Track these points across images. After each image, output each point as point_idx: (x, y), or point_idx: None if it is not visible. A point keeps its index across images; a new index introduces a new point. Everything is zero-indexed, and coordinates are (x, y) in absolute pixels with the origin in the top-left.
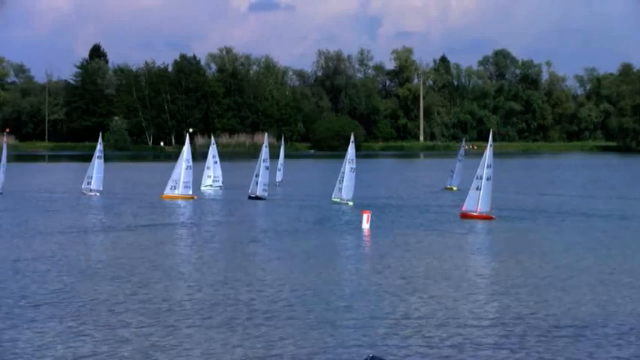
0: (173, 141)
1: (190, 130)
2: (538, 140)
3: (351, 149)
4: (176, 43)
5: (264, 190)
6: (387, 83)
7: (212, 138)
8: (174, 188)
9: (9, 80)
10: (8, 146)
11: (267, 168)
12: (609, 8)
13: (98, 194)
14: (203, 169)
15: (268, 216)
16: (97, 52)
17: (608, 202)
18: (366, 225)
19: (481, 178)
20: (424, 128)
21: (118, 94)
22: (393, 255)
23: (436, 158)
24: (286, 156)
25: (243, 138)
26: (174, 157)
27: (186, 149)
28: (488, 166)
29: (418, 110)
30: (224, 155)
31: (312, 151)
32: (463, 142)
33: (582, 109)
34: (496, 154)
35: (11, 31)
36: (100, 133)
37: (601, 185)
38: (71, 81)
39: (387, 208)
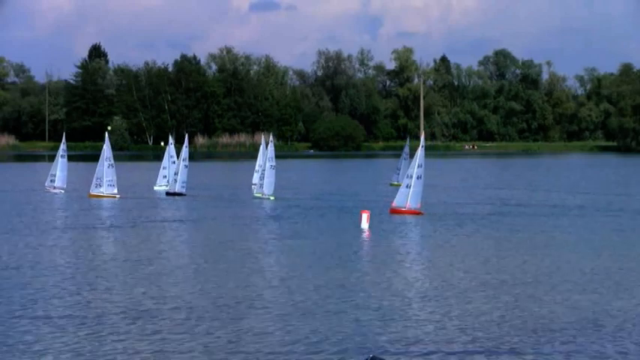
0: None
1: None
2: (538, 140)
3: (270, 148)
4: (176, 43)
5: (182, 187)
6: (388, 83)
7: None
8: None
9: (9, 80)
10: (8, 146)
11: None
12: (609, 8)
13: (63, 191)
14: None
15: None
16: (97, 52)
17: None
18: (365, 225)
19: (411, 177)
20: (424, 128)
21: (119, 94)
22: (401, 255)
23: (436, 158)
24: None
25: (243, 138)
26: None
27: (107, 147)
28: (419, 166)
29: (418, 110)
30: (224, 155)
31: (312, 151)
32: (408, 141)
33: (582, 109)
34: (497, 155)
35: (11, 31)
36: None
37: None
38: (71, 81)
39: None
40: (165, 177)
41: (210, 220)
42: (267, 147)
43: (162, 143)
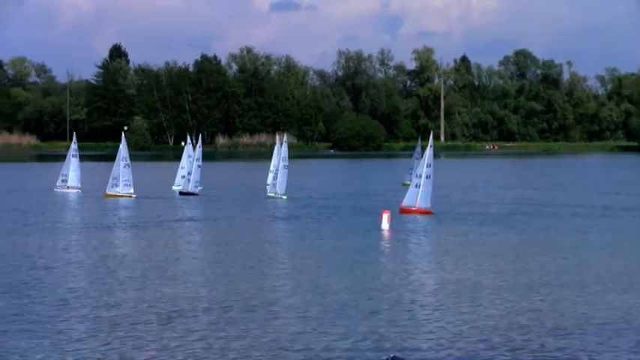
0: (194, 141)
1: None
2: (559, 140)
3: (284, 149)
4: (197, 43)
5: (196, 186)
6: (408, 83)
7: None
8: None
9: (30, 80)
10: (30, 146)
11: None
12: (630, 8)
13: (79, 191)
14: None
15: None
16: (117, 52)
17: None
18: (386, 225)
19: (421, 177)
20: (445, 128)
21: (139, 94)
22: (416, 255)
23: (456, 158)
24: (299, 156)
25: (264, 138)
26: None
27: (123, 147)
28: (428, 166)
29: (439, 110)
30: (244, 155)
31: (332, 151)
32: (419, 141)
33: (603, 109)
34: (518, 155)
35: (33, 32)
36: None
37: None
38: (92, 81)
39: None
40: (183, 177)
41: (225, 219)
42: (281, 147)
43: (182, 143)
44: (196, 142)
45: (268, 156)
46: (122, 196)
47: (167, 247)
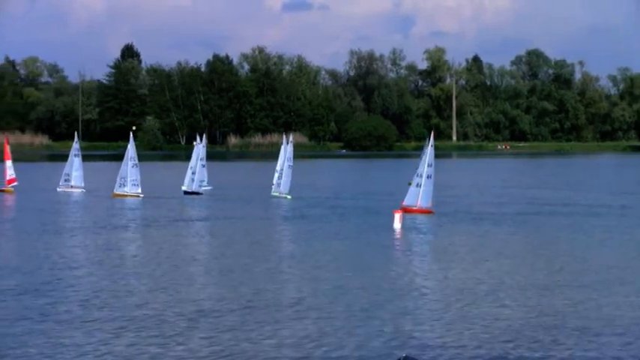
0: (205, 141)
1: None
2: (571, 140)
3: (289, 149)
4: (209, 42)
5: (200, 186)
6: (420, 83)
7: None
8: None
9: (43, 80)
10: (42, 145)
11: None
12: None
13: (83, 190)
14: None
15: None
16: (129, 51)
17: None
18: (398, 225)
19: (421, 176)
20: (457, 128)
21: (151, 94)
22: (428, 255)
23: (469, 158)
24: (310, 156)
25: (275, 138)
26: (208, 156)
27: (131, 147)
28: (429, 165)
29: (451, 110)
30: (256, 155)
31: (344, 151)
32: (427, 141)
33: (615, 108)
34: (530, 154)
35: (45, 31)
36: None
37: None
38: (104, 81)
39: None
40: (193, 180)
41: (229, 219)
42: (287, 147)
43: (194, 143)
44: (201, 142)
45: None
46: (130, 195)
47: (184, 246)
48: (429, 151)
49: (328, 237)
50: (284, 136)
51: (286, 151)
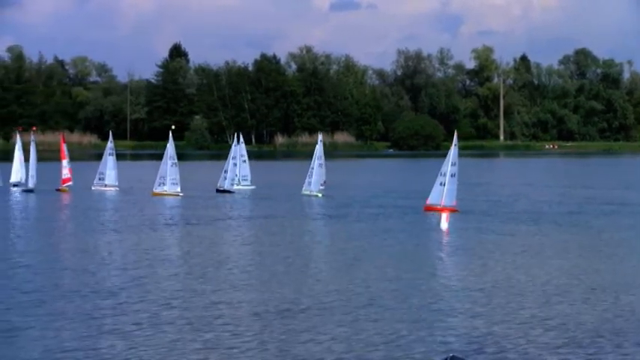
0: (253, 140)
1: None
2: (619, 140)
3: (319, 147)
4: (256, 42)
5: (232, 184)
6: (467, 82)
7: (240, 137)
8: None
9: (91, 80)
10: (91, 145)
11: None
12: None
13: (116, 189)
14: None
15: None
16: (177, 51)
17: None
18: (445, 224)
19: (445, 175)
20: (504, 127)
21: (199, 93)
22: (479, 254)
23: (516, 157)
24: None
25: (323, 137)
26: (252, 155)
27: (170, 146)
28: (452, 164)
29: (498, 109)
30: (303, 155)
31: (391, 150)
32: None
33: None
34: (578, 154)
35: (94, 31)
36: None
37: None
38: (152, 80)
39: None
40: (236, 175)
41: (261, 218)
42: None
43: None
44: (238, 141)
45: (327, 155)
46: (169, 194)
47: (230, 245)
48: (453, 150)
49: (373, 235)
50: (320, 136)
51: (317, 149)
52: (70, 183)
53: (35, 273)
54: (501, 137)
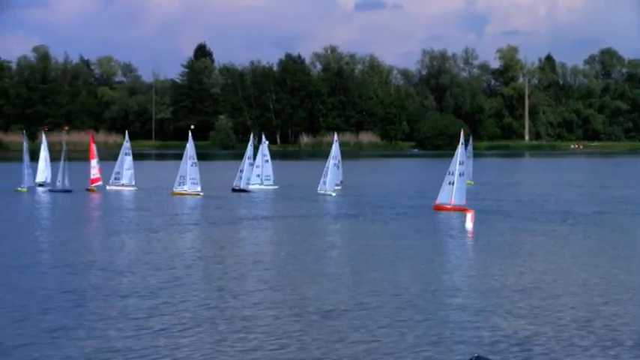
0: (278, 140)
1: (192, 127)
2: None
3: (335, 147)
4: (281, 42)
5: (247, 183)
6: (492, 82)
7: (263, 137)
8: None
9: (117, 79)
10: (116, 144)
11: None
12: None
13: (134, 189)
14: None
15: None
16: (202, 51)
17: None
18: (469, 224)
19: (453, 174)
20: (529, 127)
21: (224, 93)
22: (504, 255)
23: (541, 157)
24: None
25: (348, 137)
26: (277, 155)
27: (190, 146)
28: (460, 163)
29: (523, 109)
30: (329, 154)
31: (416, 150)
32: (471, 140)
33: None
34: (603, 154)
35: (119, 31)
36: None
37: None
38: (177, 80)
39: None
40: (258, 176)
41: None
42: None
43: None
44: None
45: (352, 155)
46: (189, 194)
47: (258, 245)
48: (460, 149)
49: (396, 236)
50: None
51: (333, 150)
52: (99, 183)
53: (72, 273)
54: (526, 137)
